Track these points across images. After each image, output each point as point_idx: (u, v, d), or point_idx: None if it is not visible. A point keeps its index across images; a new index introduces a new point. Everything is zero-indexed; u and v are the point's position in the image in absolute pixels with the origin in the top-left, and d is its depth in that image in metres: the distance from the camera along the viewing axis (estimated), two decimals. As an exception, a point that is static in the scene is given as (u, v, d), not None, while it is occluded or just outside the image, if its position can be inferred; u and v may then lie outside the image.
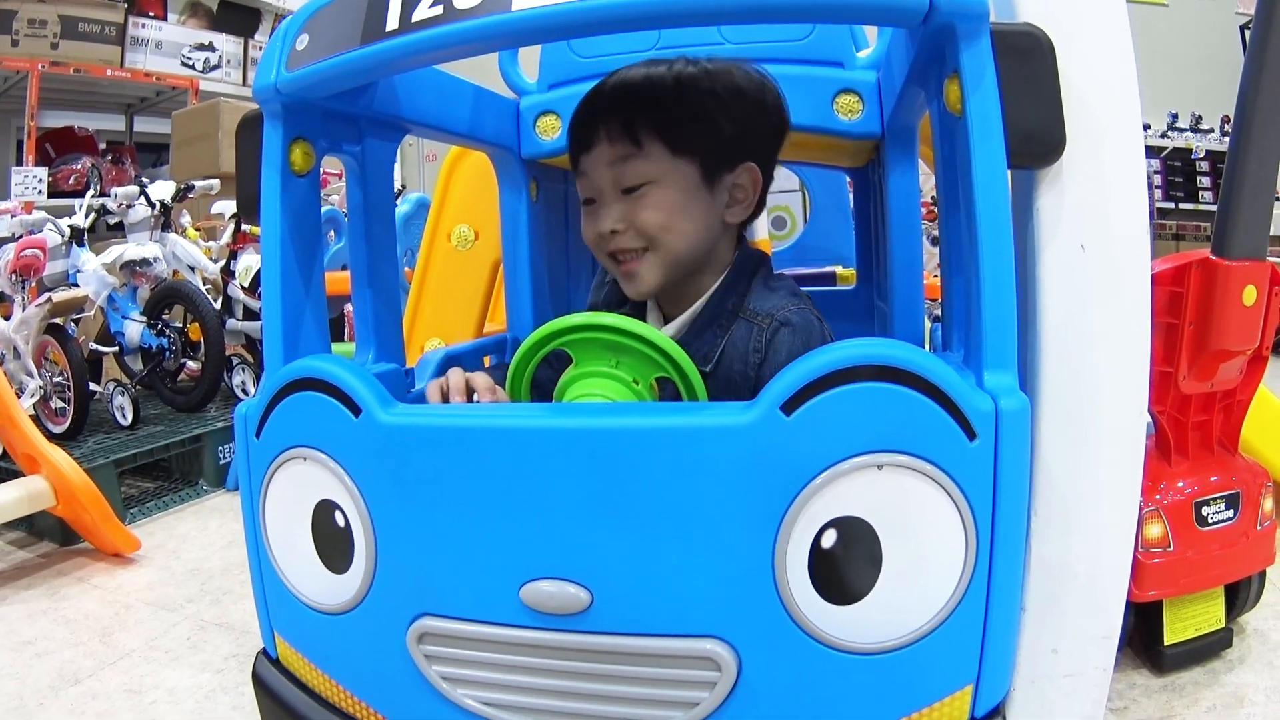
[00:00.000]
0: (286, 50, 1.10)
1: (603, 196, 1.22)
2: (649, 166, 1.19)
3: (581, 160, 1.24)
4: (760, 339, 1.20)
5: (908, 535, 0.88)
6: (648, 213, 1.19)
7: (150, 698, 1.73)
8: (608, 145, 1.20)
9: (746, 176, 1.23)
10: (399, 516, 1.00)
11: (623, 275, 1.24)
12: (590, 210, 1.25)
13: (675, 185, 1.19)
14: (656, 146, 1.18)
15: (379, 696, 1.08)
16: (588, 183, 1.24)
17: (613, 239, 1.21)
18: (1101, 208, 1.12)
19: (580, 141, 1.24)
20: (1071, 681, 1.24)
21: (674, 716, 0.93)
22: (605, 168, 1.21)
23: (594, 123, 1.21)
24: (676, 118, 1.19)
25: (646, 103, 1.20)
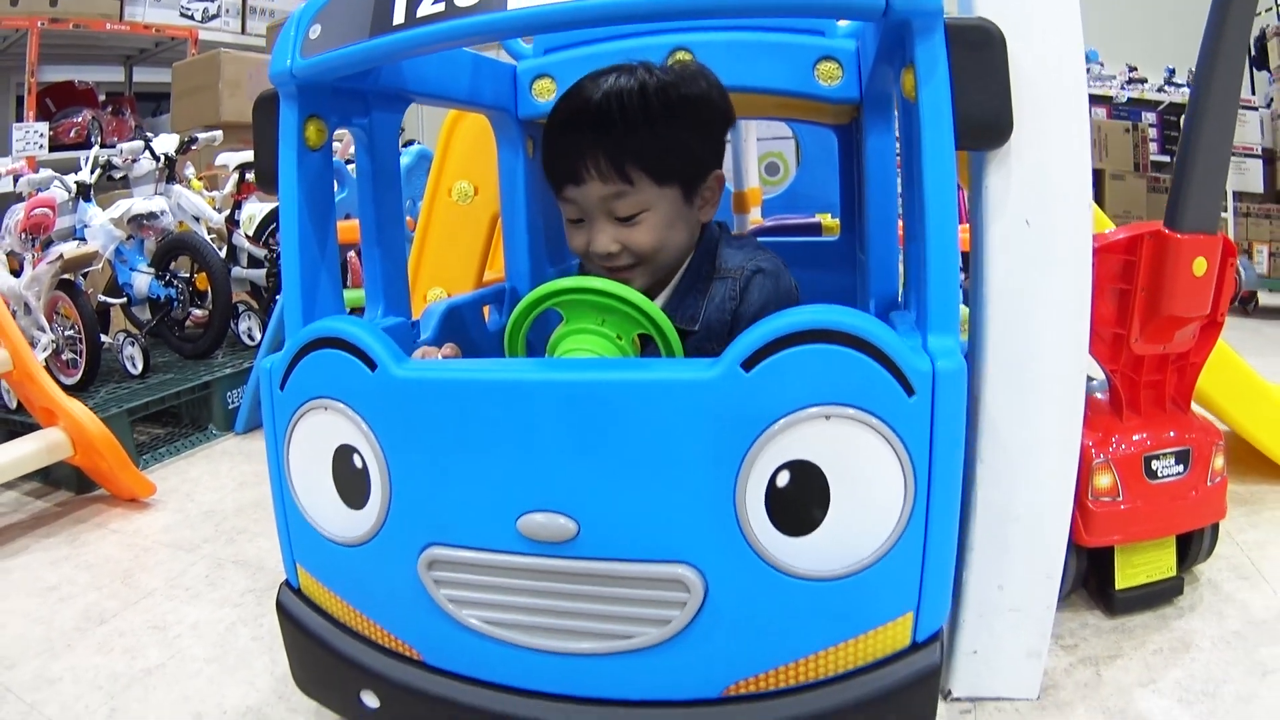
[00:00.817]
0: (300, 38, 1.20)
1: (594, 220, 1.32)
2: (640, 197, 1.29)
3: (569, 189, 1.32)
4: (735, 288, 1.36)
5: (852, 477, 1.00)
6: (641, 237, 1.31)
7: (174, 632, 1.81)
8: (599, 182, 1.28)
9: (714, 180, 1.37)
10: (410, 458, 1.13)
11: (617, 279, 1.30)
12: (579, 227, 1.34)
13: (663, 209, 1.31)
14: (644, 180, 1.28)
15: (392, 619, 1.21)
16: (576, 208, 1.33)
17: (604, 257, 1.32)
18: (1045, 186, 1.23)
19: (567, 174, 1.31)
20: (1017, 616, 1.37)
21: (649, 632, 1.06)
22: (597, 200, 1.29)
23: (580, 159, 1.28)
24: (659, 152, 1.28)
25: (629, 137, 1.27)
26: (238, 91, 5.26)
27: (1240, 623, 1.64)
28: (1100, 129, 6.25)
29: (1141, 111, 6.81)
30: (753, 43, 1.56)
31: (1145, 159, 6.26)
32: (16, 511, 2.58)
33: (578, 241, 1.35)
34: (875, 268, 1.48)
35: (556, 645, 1.11)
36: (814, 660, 1.07)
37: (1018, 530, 1.33)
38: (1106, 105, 6.94)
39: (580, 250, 1.36)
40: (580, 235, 1.34)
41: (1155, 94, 6.95)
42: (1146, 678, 1.48)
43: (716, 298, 1.37)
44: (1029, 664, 1.40)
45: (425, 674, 1.20)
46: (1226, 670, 1.49)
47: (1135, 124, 6.42)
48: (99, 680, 1.65)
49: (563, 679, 1.13)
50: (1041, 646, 1.40)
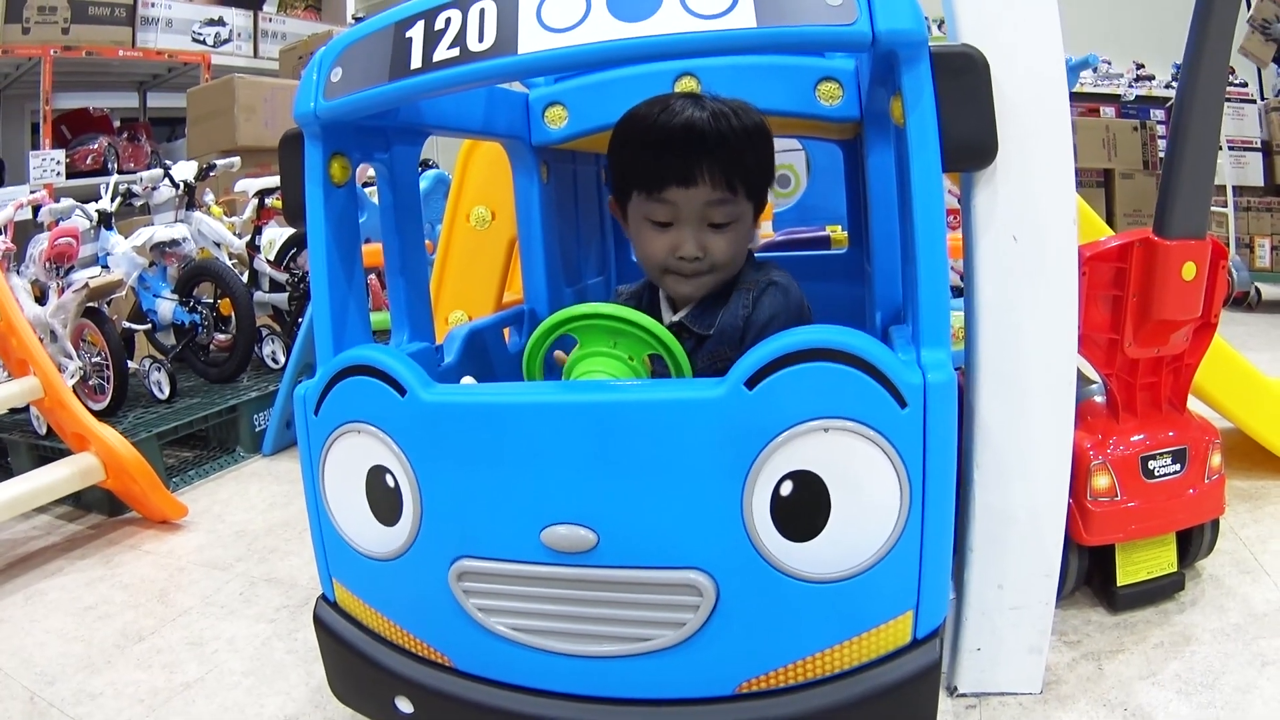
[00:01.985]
0: (323, 81, 1.27)
1: (684, 223, 1.37)
2: (736, 208, 1.38)
3: (672, 191, 1.35)
4: (749, 297, 1.44)
5: (851, 485, 1.07)
6: (724, 246, 1.39)
7: (211, 648, 1.87)
8: (709, 187, 1.34)
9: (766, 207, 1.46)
10: (440, 477, 1.20)
11: (681, 281, 1.42)
12: (665, 232, 1.39)
13: (746, 222, 1.41)
14: (742, 193, 1.37)
15: (425, 628, 1.28)
16: (671, 210, 1.37)
17: (686, 261, 1.38)
18: (1031, 204, 1.29)
19: (679, 175, 1.34)
20: (1017, 614, 1.43)
21: (666, 634, 1.13)
22: (701, 204, 1.35)
23: (697, 163, 1.34)
24: (756, 169, 1.39)
25: (738, 152, 1.35)
26: (253, 116, 5.32)
27: (1241, 616, 1.68)
28: (1109, 128, 6.26)
29: (1150, 109, 6.82)
30: (755, 66, 1.62)
31: (1154, 156, 6.26)
32: (50, 534, 2.64)
33: (660, 244, 1.39)
34: (880, 281, 1.53)
35: (579, 649, 1.17)
36: (820, 658, 1.13)
37: (1015, 531, 1.38)
38: (1115, 104, 6.95)
39: (660, 253, 1.40)
40: (665, 238, 1.39)
41: (1163, 91, 6.96)
42: (1147, 671, 1.53)
43: (733, 306, 1.45)
44: (1031, 659, 1.46)
45: (457, 679, 1.26)
46: (1226, 662, 1.54)
47: (1144, 122, 6.43)
48: (140, 694, 1.71)
49: (586, 681, 1.19)
50: (1042, 642, 1.45)
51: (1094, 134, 6.10)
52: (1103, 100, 6.96)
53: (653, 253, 1.41)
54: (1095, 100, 6.89)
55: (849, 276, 2.08)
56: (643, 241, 1.42)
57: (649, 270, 1.47)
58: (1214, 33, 1.51)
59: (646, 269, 1.48)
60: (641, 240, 1.43)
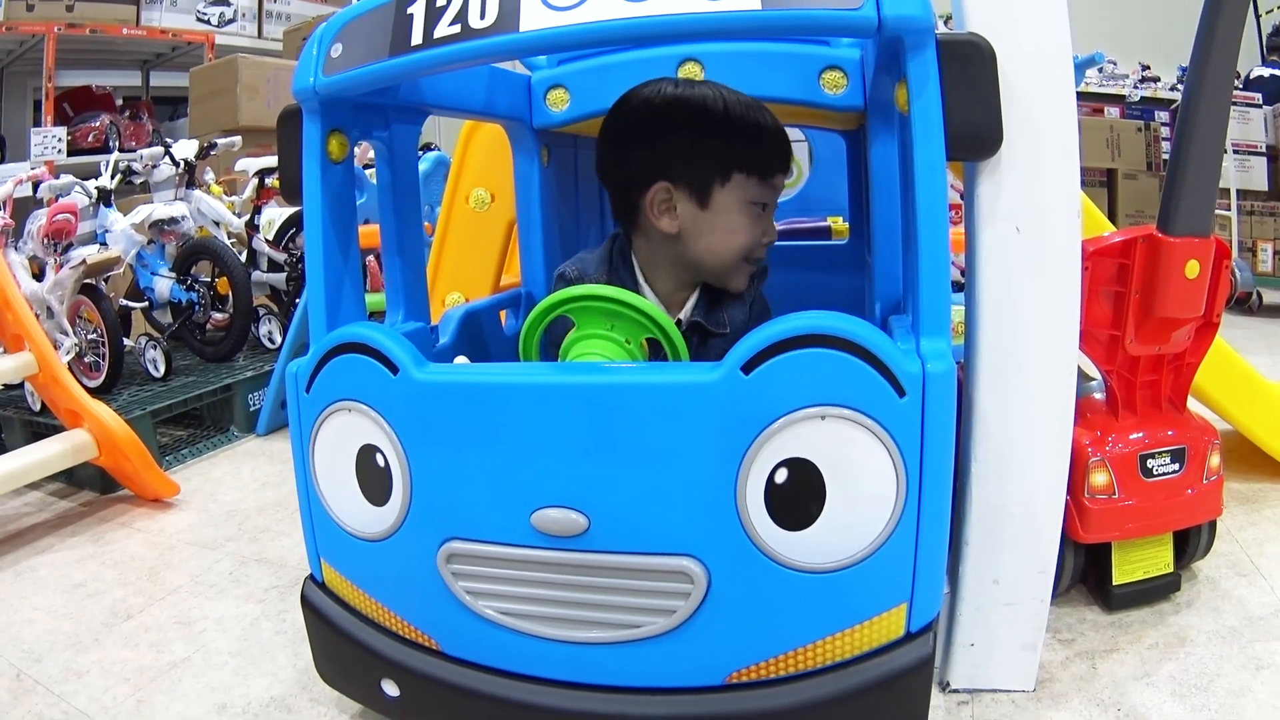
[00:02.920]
0: (322, 57, 1.26)
1: (772, 209, 1.44)
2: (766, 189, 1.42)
3: (778, 176, 1.43)
4: (751, 291, 1.47)
5: (847, 474, 1.05)
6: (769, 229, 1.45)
7: (199, 627, 1.87)
8: (780, 175, 1.43)
9: None
10: (431, 457, 1.19)
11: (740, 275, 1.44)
12: (759, 218, 1.42)
13: None
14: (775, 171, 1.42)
15: (412, 610, 1.27)
16: (772, 193, 1.43)
17: (765, 248, 1.44)
18: (1035, 195, 1.28)
19: (782, 161, 1.43)
20: (1012, 610, 1.42)
21: (656, 622, 1.12)
22: (776, 189, 1.44)
23: (787, 154, 1.44)
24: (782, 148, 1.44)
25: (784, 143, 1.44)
26: (256, 96, 5.30)
27: (1236, 618, 1.67)
28: (1113, 128, 6.25)
29: (1154, 110, 6.80)
30: (759, 53, 1.61)
31: (1158, 158, 6.25)
32: (42, 511, 2.63)
33: (754, 230, 1.41)
34: (881, 271, 1.52)
35: (568, 635, 1.16)
36: (812, 649, 1.12)
37: (1011, 526, 1.37)
38: (1120, 104, 6.93)
39: (752, 240, 1.41)
40: (759, 225, 1.41)
41: (1168, 93, 6.94)
42: (1141, 671, 1.52)
43: (734, 301, 1.46)
44: (1024, 656, 1.45)
45: (443, 663, 1.25)
46: (1221, 665, 1.53)
47: (1148, 123, 6.41)
48: (126, 673, 1.70)
49: (574, 667, 1.18)
50: (1036, 639, 1.44)
51: (1098, 134, 6.09)
52: (1108, 100, 6.94)
53: (747, 239, 1.40)
54: (1100, 100, 6.87)
55: (850, 267, 2.08)
56: (735, 228, 1.39)
57: (725, 260, 1.42)
58: (1224, 22, 1.49)
59: (721, 260, 1.42)
60: (733, 227, 1.39)
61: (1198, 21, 1.48)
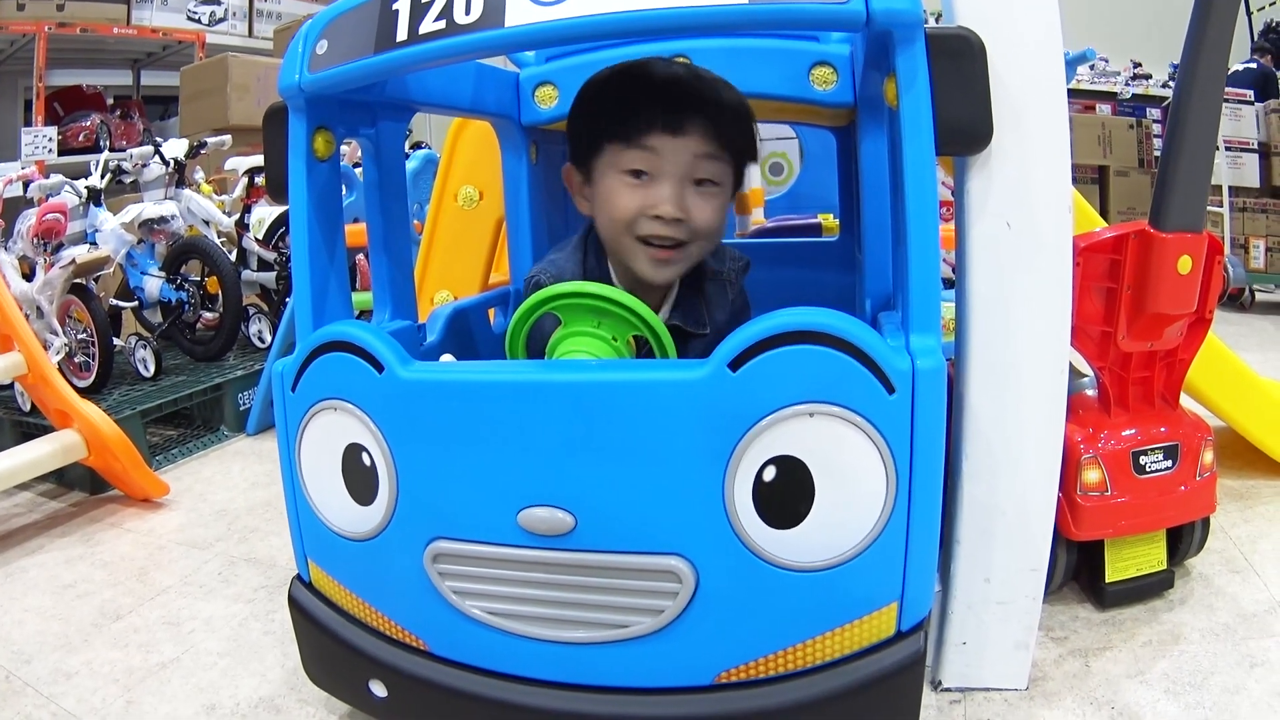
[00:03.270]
0: (308, 54, 1.25)
1: (664, 177, 1.25)
2: (723, 169, 1.29)
3: (655, 137, 1.24)
4: (732, 290, 1.43)
5: (836, 472, 1.04)
6: (710, 212, 1.28)
7: (188, 628, 1.85)
8: (699, 140, 1.25)
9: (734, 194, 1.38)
10: (417, 456, 1.18)
11: (656, 261, 1.29)
12: (638, 184, 1.27)
13: (726, 191, 1.32)
14: (729, 155, 1.29)
15: (399, 610, 1.26)
16: (651, 159, 1.25)
17: (662, 224, 1.26)
18: (1026, 190, 1.27)
19: (663, 120, 1.24)
20: (1004, 609, 1.41)
21: (644, 621, 1.11)
22: (689, 157, 1.25)
23: (691, 110, 1.25)
24: (745, 134, 1.32)
25: (729, 114, 1.28)
26: (246, 95, 5.30)
27: (1230, 616, 1.67)
28: (1104, 125, 6.25)
29: (1146, 107, 6.81)
30: (749, 49, 1.60)
31: (1150, 155, 6.25)
32: (32, 512, 2.61)
33: (632, 198, 1.26)
34: (871, 268, 1.51)
35: (555, 634, 1.15)
36: (802, 649, 1.11)
37: (1003, 524, 1.37)
38: (1111, 101, 6.94)
39: (630, 210, 1.27)
40: (639, 194, 1.26)
41: (1160, 90, 6.95)
42: (1135, 669, 1.51)
43: (714, 299, 1.42)
44: (1017, 655, 1.44)
45: (431, 663, 1.24)
46: (1214, 662, 1.52)
47: (1139, 120, 6.42)
48: (115, 674, 1.69)
49: (561, 667, 1.17)
50: (1029, 638, 1.43)
51: (1090, 130, 6.10)
52: (1099, 97, 6.94)
53: (622, 209, 1.27)
54: (1092, 97, 6.87)
55: (840, 264, 2.07)
56: (611, 199, 1.28)
57: (615, 241, 1.32)
58: (1215, 18, 1.47)
59: (611, 239, 1.33)
60: (610, 198, 1.28)
61: (1189, 18, 1.47)
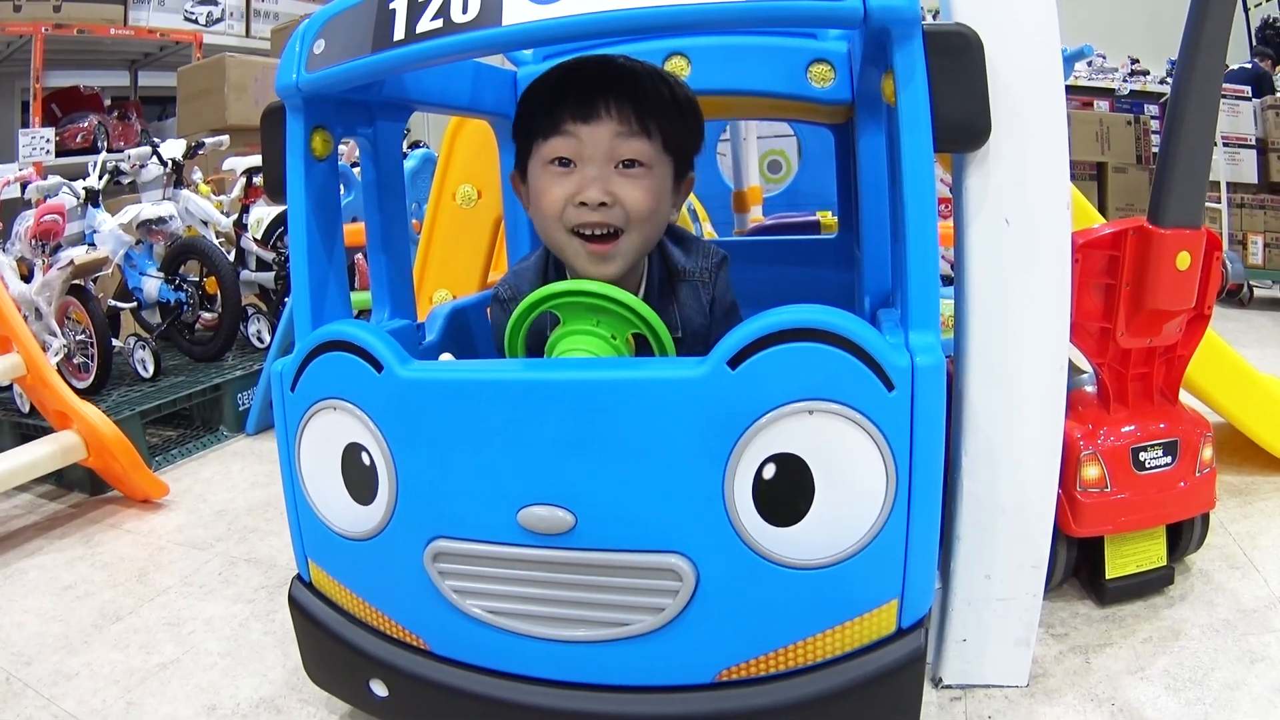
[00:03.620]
0: (305, 53, 1.25)
1: (587, 162, 1.23)
2: (648, 149, 1.25)
3: (571, 125, 1.23)
4: (707, 291, 1.39)
5: (835, 469, 1.04)
6: (639, 194, 1.24)
7: (189, 628, 1.85)
8: (615, 122, 1.23)
9: (689, 182, 1.37)
10: (416, 455, 1.18)
11: (592, 255, 1.26)
12: (565, 173, 1.25)
13: (661, 176, 1.27)
14: (657, 136, 1.25)
15: (400, 609, 1.26)
16: (573, 144, 1.24)
17: (590, 211, 1.23)
18: (1024, 187, 1.27)
19: (576, 110, 1.23)
20: (1004, 605, 1.41)
21: (644, 620, 1.11)
22: (608, 139, 1.23)
23: (600, 95, 1.23)
24: (673, 116, 1.28)
25: (651, 93, 1.26)
26: (243, 95, 5.30)
27: (1230, 612, 1.67)
28: (1102, 122, 6.26)
29: (1144, 104, 6.82)
30: (746, 46, 1.60)
31: (1147, 151, 6.26)
32: (31, 514, 2.61)
33: (558, 190, 1.25)
34: (870, 265, 1.51)
35: (556, 633, 1.15)
36: (802, 646, 1.11)
37: (1003, 521, 1.37)
38: (1109, 98, 6.95)
39: (558, 202, 1.25)
40: (565, 183, 1.24)
41: (1158, 86, 6.96)
42: (1135, 665, 1.51)
43: (687, 301, 1.38)
44: (1017, 652, 1.44)
45: (432, 663, 1.24)
46: (1215, 658, 1.52)
47: (1137, 116, 6.43)
48: (115, 675, 1.69)
49: (562, 666, 1.17)
50: (1029, 635, 1.43)
51: (1088, 127, 6.09)
52: (1097, 94, 6.96)
53: (550, 203, 1.25)
54: (1089, 94, 6.89)
55: (838, 262, 2.07)
56: (541, 193, 1.26)
57: (552, 240, 1.30)
58: (1213, 12, 1.48)
59: (549, 239, 1.31)
60: (540, 193, 1.27)
61: (1187, 14, 1.47)
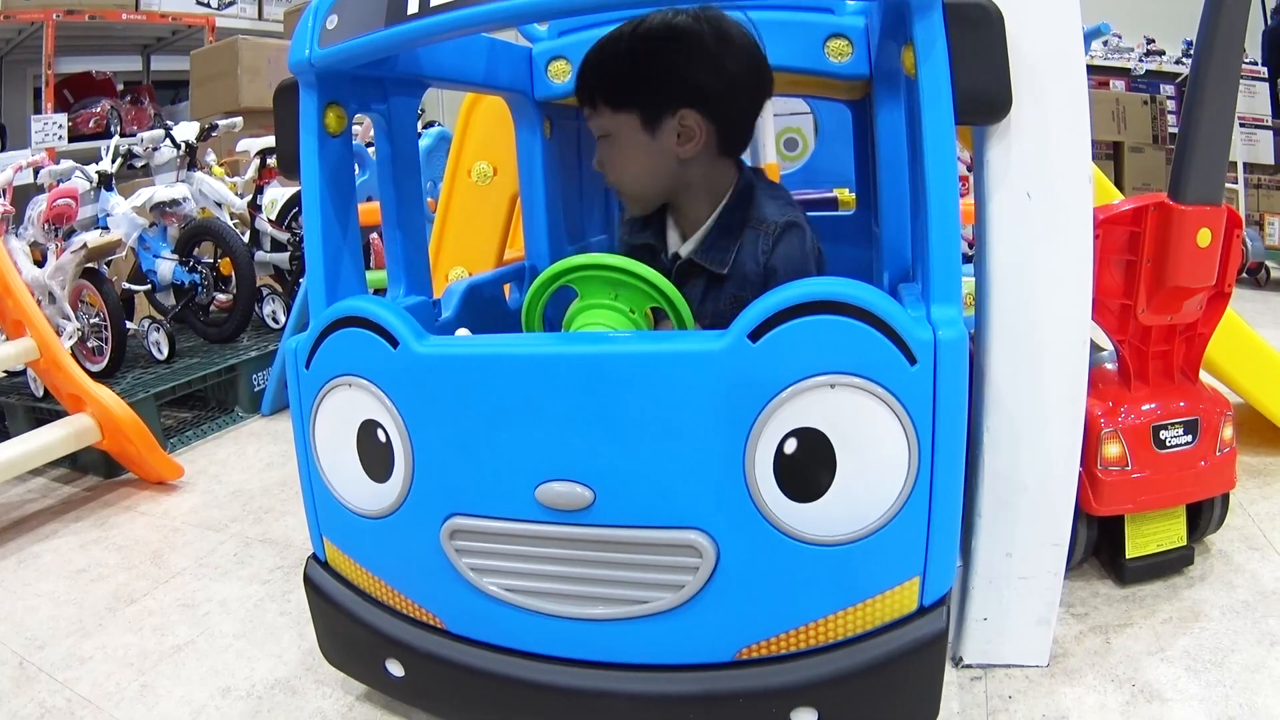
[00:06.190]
0: (318, 29, 1.24)
1: (603, 142, 1.45)
2: (604, 121, 1.42)
3: (587, 111, 1.46)
4: (768, 242, 1.39)
5: (857, 444, 1.03)
6: (612, 158, 1.44)
7: (203, 610, 1.86)
8: (590, 108, 1.44)
9: (691, 119, 1.37)
10: (432, 432, 1.17)
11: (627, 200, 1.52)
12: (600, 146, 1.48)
13: (622, 137, 1.40)
14: (604, 107, 1.40)
15: (416, 587, 1.25)
16: (592, 124, 1.47)
17: None
18: (1046, 160, 1.25)
19: (584, 96, 1.46)
20: (1025, 584, 1.40)
21: (664, 597, 1.10)
22: (592, 121, 1.45)
23: (581, 88, 1.46)
24: (614, 79, 1.40)
25: (596, 71, 1.42)
26: (256, 77, 5.29)
27: (1250, 593, 1.65)
28: (1119, 101, 6.20)
29: (1160, 84, 6.75)
30: (763, 21, 1.57)
31: (1164, 131, 6.20)
32: (46, 497, 2.62)
33: None
34: (889, 241, 1.50)
35: (574, 611, 1.15)
36: (823, 624, 1.10)
37: (1025, 499, 1.35)
38: (1125, 77, 6.89)
39: None
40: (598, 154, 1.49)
41: (1174, 66, 6.89)
42: (1155, 646, 1.50)
43: (748, 246, 1.40)
44: (1038, 631, 1.43)
45: (448, 641, 1.24)
46: (1235, 640, 1.51)
47: (1154, 96, 6.36)
48: (130, 658, 1.69)
49: (580, 644, 1.17)
50: (1050, 614, 1.42)
51: (1104, 106, 6.04)
52: (1113, 74, 6.89)
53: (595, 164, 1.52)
54: (1105, 73, 6.81)
55: (857, 238, 2.06)
56: None
57: None
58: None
59: None
60: None
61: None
